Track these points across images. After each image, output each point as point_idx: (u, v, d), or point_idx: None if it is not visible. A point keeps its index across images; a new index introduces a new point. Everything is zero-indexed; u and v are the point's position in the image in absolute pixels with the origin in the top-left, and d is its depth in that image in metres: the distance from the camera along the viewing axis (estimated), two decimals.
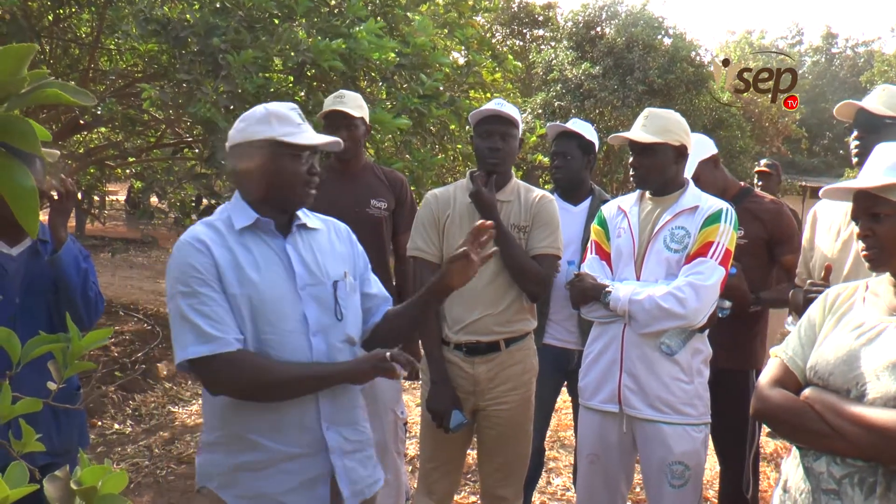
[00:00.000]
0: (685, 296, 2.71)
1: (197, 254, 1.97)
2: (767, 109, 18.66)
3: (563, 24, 17.26)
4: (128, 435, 5.14)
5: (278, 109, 2.10)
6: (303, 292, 2.07)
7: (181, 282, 1.95)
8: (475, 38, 6.24)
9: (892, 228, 1.82)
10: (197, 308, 1.93)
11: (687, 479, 2.78)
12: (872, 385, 1.74)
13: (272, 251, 2.08)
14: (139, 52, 5.99)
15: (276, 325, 2.01)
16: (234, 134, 2.09)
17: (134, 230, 16.22)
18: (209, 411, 2.10)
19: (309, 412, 2.06)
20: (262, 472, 2.01)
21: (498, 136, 3.01)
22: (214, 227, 2.05)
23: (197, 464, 2.12)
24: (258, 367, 1.96)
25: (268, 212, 2.09)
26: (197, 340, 1.91)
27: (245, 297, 1.98)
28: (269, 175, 2.06)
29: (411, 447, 4.90)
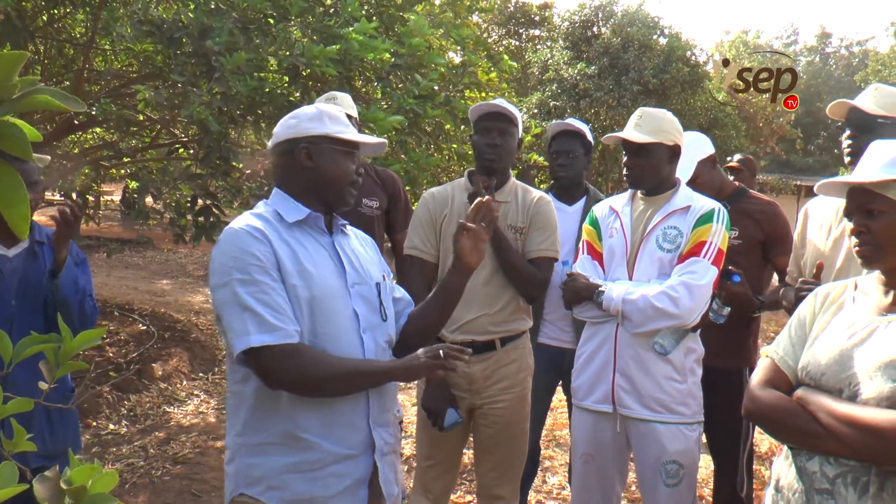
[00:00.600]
0: (679, 295, 2.71)
1: (256, 242, 1.94)
2: (762, 109, 18.68)
3: (559, 24, 17.27)
4: (123, 435, 5.13)
5: (329, 109, 2.13)
6: (352, 290, 2.08)
7: (239, 269, 1.91)
8: (471, 38, 6.24)
9: (887, 225, 1.81)
10: (257, 296, 1.89)
11: (681, 479, 2.78)
12: (865, 385, 1.74)
13: (322, 247, 2.09)
14: (134, 53, 5.98)
15: (331, 320, 2.00)
16: (284, 130, 2.09)
17: (129, 230, 16.21)
18: (249, 412, 2.00)
19: (360, 411, 2.05)
20: (312, 473, 1.97)
21: (496, 132, 3.02)
22: (265, 218, 2.04)
23: (232, 470, 2.03)
24: (319, 361, 1.93)
25: (314, 208, 2.09)
26: (259, 329, 1.87)
27: (304, 290, 1.96)
28: (322, 171, 2.07)
29: (407, 446, 4.91)
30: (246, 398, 2.00)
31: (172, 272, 12.87)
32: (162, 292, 10.61)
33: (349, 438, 2.02)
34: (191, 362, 6.84)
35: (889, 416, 1.66)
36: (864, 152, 1.97)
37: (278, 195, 2.11)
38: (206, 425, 5.46)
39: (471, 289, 2.90)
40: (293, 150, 2.07)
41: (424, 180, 5.58)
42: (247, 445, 2.00)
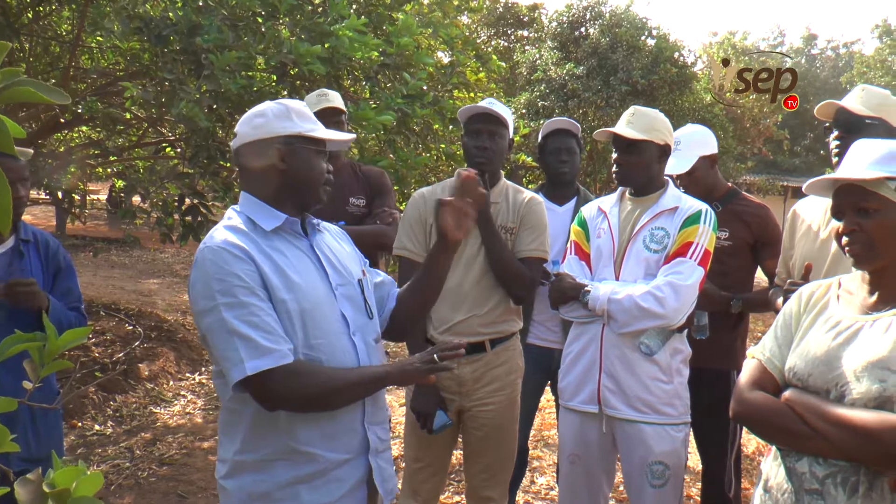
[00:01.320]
0: (664, 295, 2.71)
1: (238, 261, 1.86)
2: (749, 110, 18.74)
3: (548, 25, 17.28)
4: (108, 436, 5.09)
5: (296, 105, 2.05)
6: (337, 292, 2.04)
7: (223, 292, 1.83)
8: (459, 37, 6.24)
9: (880, 224, 1.81)
10: (247, 319, 1.82)
11: (667, 479, 2.79)
12: (853, 386, 1.75)
13: (301, 252, 2.03)
14: (121, 51, 5.95)
15: (323, 328, 1.96)
16: (250, 130, 2.00)
17: (116, 230, 16.14)
18: (248, 430, 1.95)
19: (356, 414, 2.04)
20: (315, 482, 1.95)
21: (486, 134, 3.00)
22: (241, 230, 1.96)
23: (232, 486, 1.97)
24: (317, 377, 1.89)
25: (288, 211, 2.02)
26: (253, 355, 1.80)
27: (294, 303, 1.91)
28: (295, 172, 2.00)
29: (395, 447, 4.89)
30: (244, 416, 1.95)
31: (159, 272, 12.81)
32: (149, 292, 10.55)
33: (348, 443, 2.01)
34: (177, 362, 6.80)
35: (877, 417, 1.67)
36: (848, 152, 1.97)
37: (249, 201, 2.03)
38: (192, 426, 5.43)
39: (460, 290, 2.91)
40: (265, 152, 1.98)
41: (413, 179, 5.57)
42: (249, 462, 1.96)
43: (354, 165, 3.79)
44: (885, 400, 1.70)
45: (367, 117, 4.52)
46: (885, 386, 1.70)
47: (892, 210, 1.81)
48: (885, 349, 1.75)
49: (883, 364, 1.73)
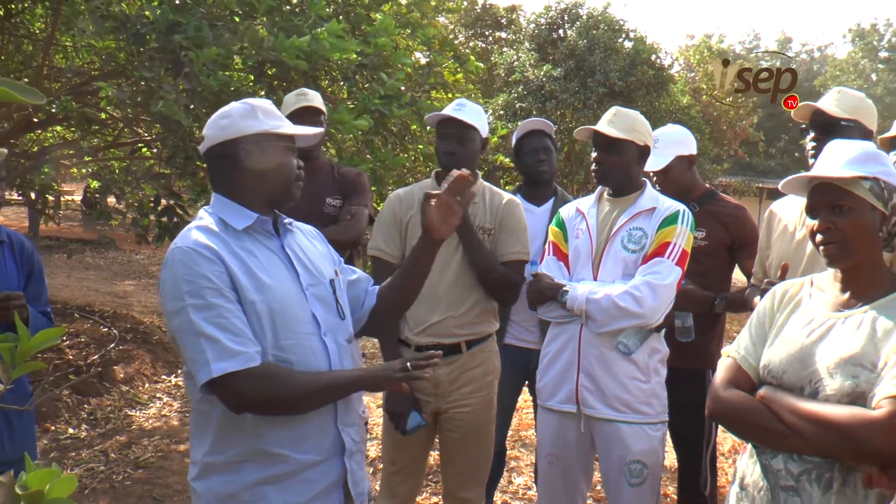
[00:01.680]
0: (642, 295, 2.72)
1: (207, 262, 1.85)
2: (725, 113, 18.90)
3: (525, 26, 17.33)
4: (82, 439, 5.04)
5: (261, 103, 2.04)
6: (308, 292, 2.03)
7: (192, 293, 1.82)
8: (437, 38, 6.24)
9: (853, 222, 1.83)
10: (214, 321, 1.81)
11: (645, 478, 2.80)
12: (826, 382, 1.78)
13: (272, 252, 2.02)
14: (96, 50, 5.88)
15: (294, 329, 1.95)
16: (217, 132, 1.98)
17: (90, 231, 15.95)
18: (217, 431, 1.94)
19: (328, 415, 2.02)
20: (284, 482, 1.94)
21: (453, 139, 3.00)
22: (212, 230, 1.95)
23: (202, 488, 1.97)
24: (285, 381, 1.88)
25: (259, 210, 2.01)
26: (219, 356, 1.79)
27: (263, 304, 1.90)
28: (265, 170, 1.99)
29: (373, 448, 4.88)
30: (213, 418, 1.94)
31: (135, 273, 12.70)
32: (124, 293, 10.46)
33: (319, 444, 2.00)
34: (153, 364, 6.74)
35: (850, 412, 1.70)
36: (823, 152, 1.99)
37: (220, 201, 2.02)
38: (168, 429, 5.38)
39: (436, 291, 2.91)
40: (232, 153, 1.97)
41: (391, 180, 5.56)
42: (217, 464, 1.95)
43: (333, 166, 3.78)
44: (857, 395, 1.73)
45: (344, 121, 4.50)
46: (857, 382, 1.73)
47: (866, 209, 1.84)
48: (857, 346, 1.78)
49: (855, 360, 1.76)
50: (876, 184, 1.84)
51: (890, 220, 1.86)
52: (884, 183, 1.85)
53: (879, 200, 1.84)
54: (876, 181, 1.84)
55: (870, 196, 1.83)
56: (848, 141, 1.98)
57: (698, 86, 19.33)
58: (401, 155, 5.82)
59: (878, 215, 1.85)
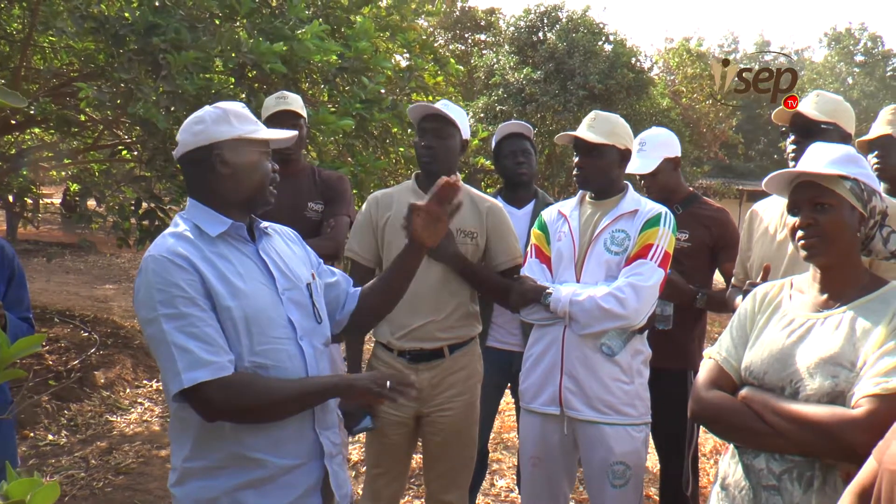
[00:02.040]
0: (625, 296, 2.74)
1: (179, 270, 1.85)
2: (705, 115, 19.03)
3: (505, 29, 17.37)
4: (62, 446, 4.98)
5: (233, 107, 2.04)
6: (284, 297, 2.03)
7: (164, 303, 1.83)
8: (417, 41, 6.24)
9: (833, 219, 1.88)
10: (186, 331, 1.81)
11: (628, 479, 2.81)
12: (806, 382, 1.80)
13: (247, 257, 2.02)
14: (75, 51, 5.83)
15: (269, 334, 1.95)
16: (190, 138, 1.98)
17: (70, 234, 15.80)
18: (195, 437, 1.94)
19: (306, 419, 2.03)
20: (263, 487, 1.94)
21: (432, 133, 3.00)
22: (186, 237, 1.94)
23: (181, 493, 1.97)
24: (257, 389, 1.88)
25: (234, 216, 2.01)
26: (190, 366, 1.80)
27: (239, 309, 1.90)
28: (239, 176, 1.99)
29: (354, 452, 4.87)
30: (191, 424, 1.94)
31: (116, 277, 12.60)
32: (105, 298, 10.38)
33: (297, 449, 2.01)
34: (134, 369, 6.69)
35: (830, 411, 1.72)
36: (805, 152, 2.03)
37: (195, 207, 2.02)
38: (150, 434, 5.34)
39: (417, 295, 2.91)
40: (206, 158, 1.97)
41: (372, 184, 5.55)
42: (196, 469, 1.95)
43: (314, 170, 3.75)
44: (837, 395, 1.76)
45: (327, 121, 4.49)
46: (836, 381, 1.76)
47: (846, 208, 1.88)
48: (836, 346, 1.81)
49: (834, 360, 1.79)
50: (856, 185, 1.89)
51: (868, 223, 1.91)
52: (863, 185, 1.90)
53: (859, 201, 1.89)
54: (856, 182, 1.89)
55: (850, 196, 1.88)
56: (830, 144, 2.03)
57: (678, 88, 19.45)
58: (382, 158, 5.81)
59: (856, 216, 1.89)
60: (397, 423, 3.07)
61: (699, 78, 19.26)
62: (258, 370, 1.93)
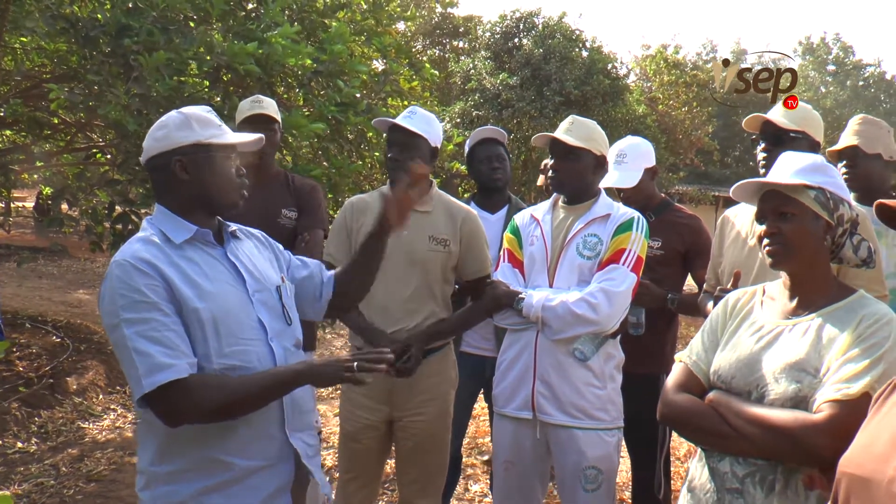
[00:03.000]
0: (598, 301, 2.75)
1: (141, 276, 1.85)
2: (681, 122, 19.18)
3: (481, 35, 17.40)
4: (32, 453, 4.90)
5: (196, 112, 2.04)
6: (254, 298, 2.04)
7: (125, 308, 1.83)
8: (393, 46, 6.24)
9: (797, 228, 1.90)
10: (147, 335, 1.81)
11: (600, 483, 2.82)
12: (772, 387, 1.83)
13: (216, 260, 2.03)
14: (47, 52, 5.77)
15: (239, 336, 1.96)
16: (154, 143, 1.99)
17: (43, 238, 15.61)
18: (161, 441, 1.94)
19: (274, 420, 2.03)
20: (229, 489, 1.94)
21: (396, 147, 3.00)
22: (152, 242, 1.94)
23: (148, 497, 1.97)
24: (218, 388, 1.87)
25: (200, 221, 2.02)
26: (150, 371, 1.79)
27: (207, 311, 1.90)
28: (201, 181, 1.99)
29: (329, 457, 4.85)
30: (157, 427, 1.93)
31: (90, 281, 12.44)
32: (78, 303, 10.25)
33: (265, 450, 2.01)
34: (108, 375, 6.60)
35: (792, 415, 1.75)
36: (776, 162, 2.06)
37: (161, 213, 2.03)
38: (122, 440, 5.28)
39: (388, 306, 2.93)
40: (168, 164, 1.97)
41: (346, 187, 5.54)
42: (162, 474, 1.95)
43: (287, 176, 3.73)
44: (800, 400, 1.78)
45: (300, 125, 4.48)
46: (800, 386, 1.78)
47: (809, 217, 1.91)
48: (802, 352, 1.84)
49: (799, 366, 1.81)
50: (821, 193, 1.91)
51: (835, 231, 1.93)
52: (829, 193, 1.92)
53: (824, 210, 1.91)
54: (822, 191, 1.92)
55: (814, 205, 1.90)
56: (800, 153, 2.06)
57: (654, 95, 19.59)
58: (357, 162, 5.80)
59: (821, 224, 1.92)
60: (370, 428, 3.06)
61: (675, 85, 19.43)
62: (228, 371, 1.92)
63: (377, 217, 2.27)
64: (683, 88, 19.49)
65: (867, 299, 1.91)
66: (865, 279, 2.50)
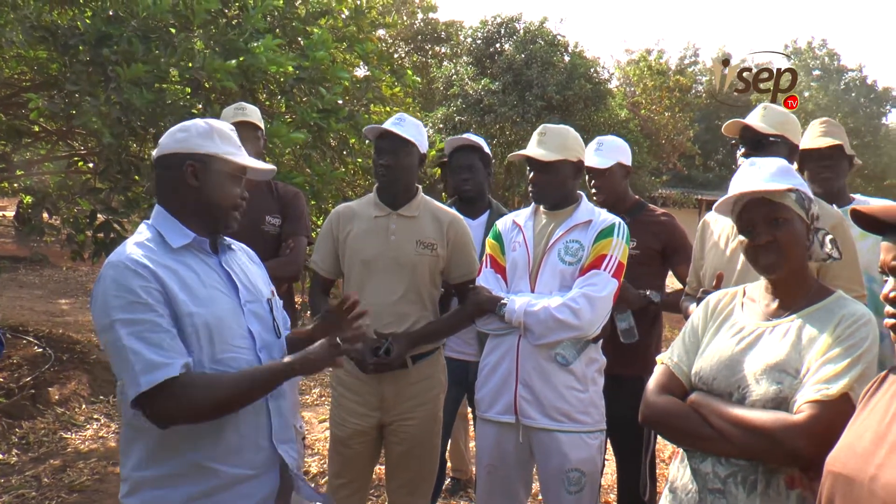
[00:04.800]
0: (580, 307, 2.76)
1: (136, 277, 1.85)
2: (664, 126, 19.29)
3: (463, 40, 17.44)
4: (12, 465, 4.85)
5: (220, 127, 2.06)
6: (246, 308, 2.05)
7: (119, 308, 1.82)
8: (374, 52, 6.25)
9: (789, 231, 1.92)
10: (141, 335, 1.81)
11: (583, 486, 2.83)
12: (753, 388, 1.84)
13: (210, 268, 2.04)
14: (27, 60, 5.72)
15: (230, 343, 1.96)
16: (172, 143, 2.01)
17: (24, 248, 15.47)
18: (149, 446, 1.93)
19: (262, 429, 2.04)
20: (216, 497, 1.94)
21: (388, 153, 3.01)
22: (147, 245, 1.95)
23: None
24: (209, 386, 1.87)
25: (197, 229, 2.02)
26: (144, 370, 1.78)
27: (201, 317, 1.91)
28: (207, 193, 2.01)
29: (314, 463, 4.84)
30: (144, 432, 1.92)
31: (72, 291, 12.35)
32: (60, 312, 10.17)
33: (253, 459, 2.01)
34: (90, 385, 6.54)
35: (773, 416, 1.76)
36: (741, 172, 2.04)
37: (161, 215, 2.04)
38: (105, 450, 5.24)
39: (381, 308, 2.92)
40: (179, 166, 1.99)
41: (329, 194, 5.54)
42: (149, 479, 1.94)
43: (271, 183, 3.73)
44: (781, 401, 1.79)
45: (280, 134, 4.48)
46: (781, 387, 1.80)
47: (797, 220, 1.93)
48: (783, 353, 1.85)
49: (780, 367, 1.83)
50: (799, 195, 1.94)
51: (811, 229, 1.94)
52: (804, 194, 1.95)
53: (803, 210, 1.93)
54: (798, 192, 1.94)
55: (797, 207, 1.93)
56: (763, 159, 2.05)
57: (637, 100, 19.69)
58: (339, 169, 5.80)
59: (804, 226, 1.94)
60: (360, 433, 3.08)
61: (658, 90, 19.55)
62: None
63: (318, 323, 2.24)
64: (666, 93, 19.61)
65: (845, 300, 1.93)
66: (844, 279, 2.52)
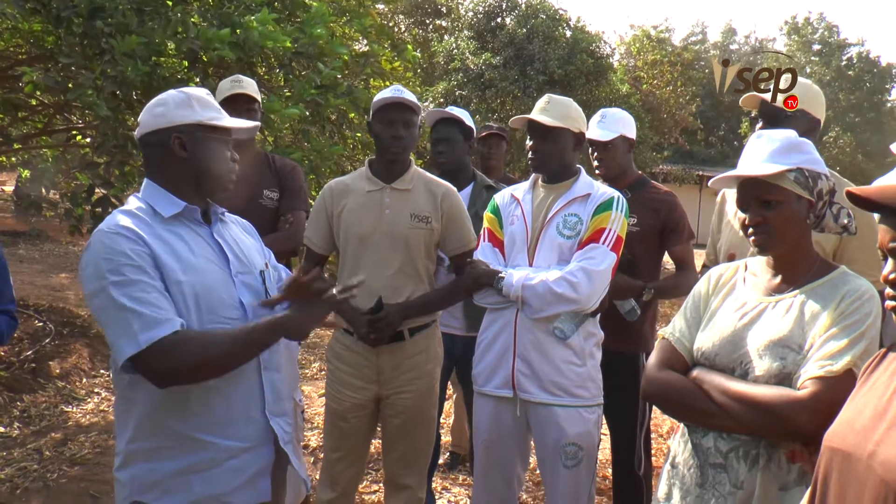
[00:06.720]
0: (578, 280, 2.75)
1: (126, 241, 1.85)
2: (666, 101, 19.19)
3: (464, 14, 17.32)
4: (14, 438, 4.87)
5: (197, 93, 2.05)
6: (237, 279, 2.03)
7: (111, 271, 1.81)
8: (374, 27, 6.19)
9: (782, 214, 1.89)
10: (136, 296, 1.80)
11: (580, 460, 2.84)
12: (755, 364, 1.84)
13: (201, 238, 2.03)
14: (21, 33, 5.67)
15: (219, 313, 1.95)
16: (151, 119, 1.99)
17: (23, 222, 15.47)
18: (141, 418, 1.92)
19: (255, 402, 2.02)
20: (209, 472, 1.93)
21: (401, 123, 2.99)
22: (137, 215, 1.95)
23: (125, 477, 1.95)
24: (206, 340, 1.86)
25: (189, 199, 2.01)
26: (143, 328, 1.78)
27: (190, 285, 1.90)
28: (197, 161, 2.00)
29: (313, 438, 4.86)
30: (136, 403, 1.92)
31: (72, 265, 12.34)
32: (60, 286, 10.18)
33: (245, 431, 2.00)
34: (91, 358, 6.56)
35: (776, 392, 1.76)
36: (747, 148, 2.03)
37: (151, 188, 2.03)
38: (106, 423, 5.26)
39: (377, 281, 2.92)
40: (165, 141, 1.98)
41: (327, 169, 5.51)
42: (140, 451, 1.94)
43: (268, 157, 3.73)
44: (784, 376, 1.79)
45: (276, 109, 4.45)
46: (784, 363, 1.80)
47: (793, 201, 1.90)
48: (786, 329, 1.85)
49: (783, 343, 1.82)
50: (800, 174, 1.90)
51: (817, 206, 1.92)
52: (808, 171, 1.91)
53: (805, 189, 1.89)
54: (800, 171, 1.90)
55: (795, 187, 1.89)
56: (771, 132, 2.01)
57: (638, 74, 19.58)
58: (338, 144, 5.77)
59: (804, 204, 1.91)
60: (357, 407, 3.08)
61: (660, 64, 19.42)
62: None
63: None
64: (668, 67, 19.49)
65: (849, 275, 1.92)
66: (861, 263, 2.45)
